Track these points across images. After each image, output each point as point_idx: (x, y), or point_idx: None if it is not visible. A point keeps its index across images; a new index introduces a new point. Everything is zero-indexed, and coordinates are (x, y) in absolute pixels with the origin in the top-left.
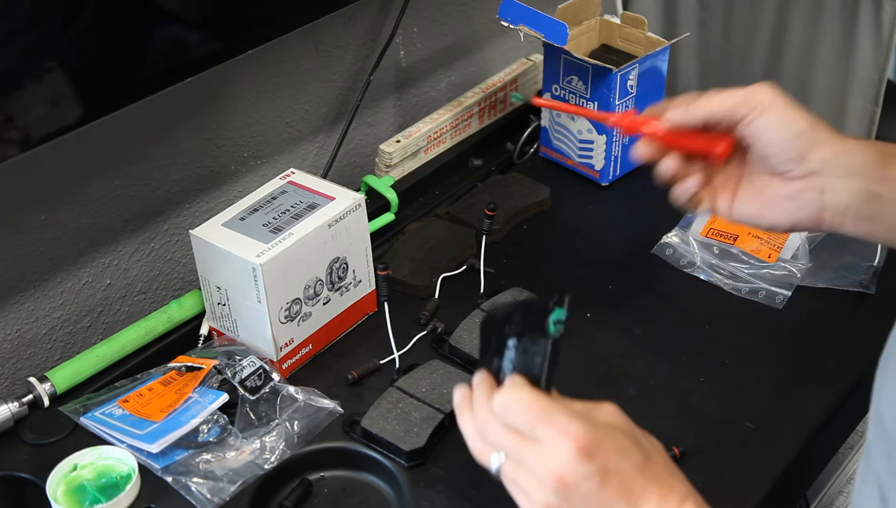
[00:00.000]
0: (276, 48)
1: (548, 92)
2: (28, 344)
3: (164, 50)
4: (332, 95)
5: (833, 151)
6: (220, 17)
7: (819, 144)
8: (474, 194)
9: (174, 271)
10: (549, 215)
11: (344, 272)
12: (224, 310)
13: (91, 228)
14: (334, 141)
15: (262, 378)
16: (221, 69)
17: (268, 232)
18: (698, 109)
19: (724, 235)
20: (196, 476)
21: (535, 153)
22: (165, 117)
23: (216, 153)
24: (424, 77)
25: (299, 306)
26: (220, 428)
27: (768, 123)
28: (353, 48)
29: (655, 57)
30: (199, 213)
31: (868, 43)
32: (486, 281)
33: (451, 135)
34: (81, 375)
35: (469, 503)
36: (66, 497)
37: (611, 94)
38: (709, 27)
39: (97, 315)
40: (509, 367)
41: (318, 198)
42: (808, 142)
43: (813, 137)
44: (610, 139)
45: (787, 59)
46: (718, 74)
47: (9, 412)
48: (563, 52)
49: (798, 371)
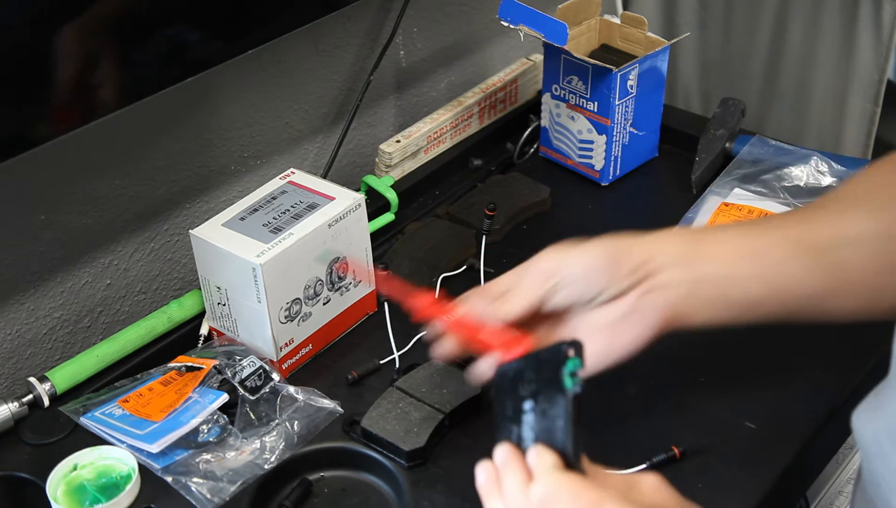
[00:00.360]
0: (276, 48)
1: (548, 92)
2: (28, 344)
3: (164, 50)
4: (332, 95)
5: (643, 252)
6: (220, 17)
7: (627, 254)
8: (474, 193)
9: (174, 271)
10: (549, 215)
11: (344, 272)
12: (224, 310)
13: (91, 228)
14: (334, 141)
15: (262, 378)
16: (221, 69)
17: (268, 232)
18: (511, 309)
19: None
20: (196, 476)
21: (535, 153)
22: (165, 117)
23: (216, 153)
24: (424, 77)
25: (299, 306)
26: (220, 428)
27: (572, 290)
28: (353, 48)
29: (655, 57)
30: (199, 213)
31: (868, 43)
32: (486, 281)
33: (451, 135)
34: (81, 375)
35: (469, 503)
36: (66, 497)
37: (611, 94)
38: (709, 27)
39: (97, 315)
40: (531, 436)
41: (318, 198)
42: (615, 263)
43: (616, 256)
44: (610, 139)
45: (787, 60)
46: (718, 73)
47: (9, 412)
48: (563, 52)
49: (798, 371)
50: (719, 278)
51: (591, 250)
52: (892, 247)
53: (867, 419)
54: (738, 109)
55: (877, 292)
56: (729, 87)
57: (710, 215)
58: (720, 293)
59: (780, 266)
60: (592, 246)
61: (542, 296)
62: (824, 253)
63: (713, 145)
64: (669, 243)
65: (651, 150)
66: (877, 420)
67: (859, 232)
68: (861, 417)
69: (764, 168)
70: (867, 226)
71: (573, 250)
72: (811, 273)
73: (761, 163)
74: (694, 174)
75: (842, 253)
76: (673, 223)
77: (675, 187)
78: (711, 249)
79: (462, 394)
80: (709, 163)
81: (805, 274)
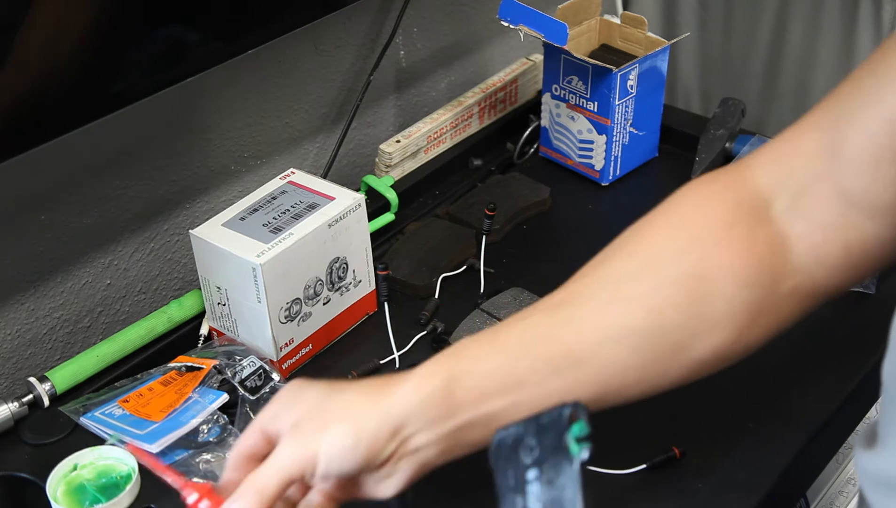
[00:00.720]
0: (276, 48)
1: (548, 92)
2: (28, 344)
3: (165, 50)
4: (332, 95)
5: (392, 424)
6: (220, 17)
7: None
8: (474, 193)
9: (174, 271)
10: (549, 215)
11: (344, 272)
12: (224, 310)
13: (91, 228)
14: (334, 141)
15: (262, 378)
16: (222, 69)
17: (268, 232)
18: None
19: None
20: (196, 476)
21: (535, 153)
22: (165, 117)
23: (216, 153)
24: (424, 77)
25: (299, 306)
26: (220, 428)
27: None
28: (353, 48)
29: (655, 57)
30: (199, 213)
31: (868, 43)
32: (486, 281)
33: (451, 135)
34: (81, 375)
35: (469, 503)
36: (66, 497)
37: (611, 94)
38: (709, 27)
39: (97, 315)
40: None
41: (318, 198)
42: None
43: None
44: (610, 139)
45: (787, 60)
46: (718, 74)
47: (9, 412)
48: (563, 52)
49: (798, 371)
50: (478, 420)
51: (340, 434)
52: (655, 339)
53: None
54: (738, 109)
55: (657, 380)
56: (729, 87)
57: None
58: (486, 431)
59: (540, 389)
60: (339, 426)
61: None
62: (585, 364)
63: (713, 145)
64: (419, 402)
65: (651, 150)
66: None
67: (612, 335)
68: (862, 458)
69: None
70: (620, 325)
71: (320, 431)
72: (577, 385)
73: None
74: (694, 174)
75: (597, 361)
76: None
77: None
78: (463, 394)
79: None
80: (709, 163)
81: (570, 387)
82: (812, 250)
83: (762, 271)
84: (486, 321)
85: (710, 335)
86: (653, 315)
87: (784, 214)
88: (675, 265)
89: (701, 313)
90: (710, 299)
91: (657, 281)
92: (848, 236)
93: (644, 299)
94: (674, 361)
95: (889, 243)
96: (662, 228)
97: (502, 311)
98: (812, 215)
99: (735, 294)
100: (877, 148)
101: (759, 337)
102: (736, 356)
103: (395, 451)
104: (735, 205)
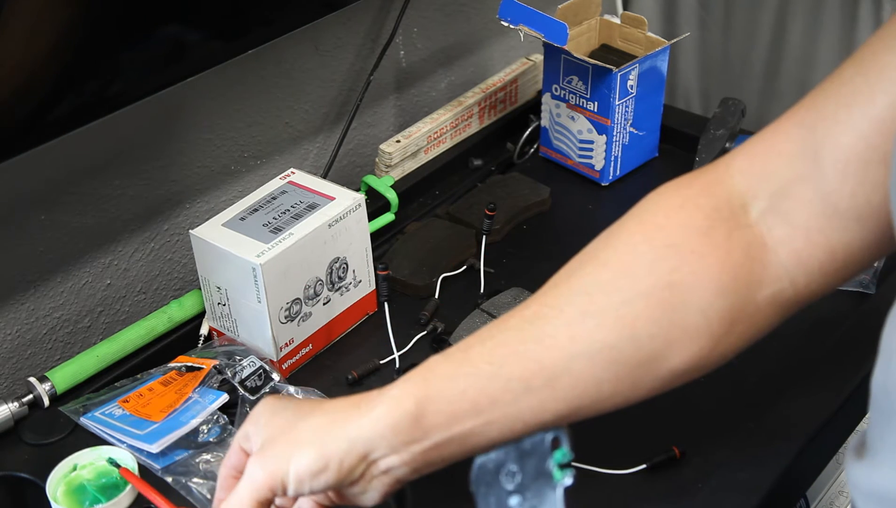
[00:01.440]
0: (276, 48)
1: (548, 92)
2: (28, 344)
3: (164, 50)
4: (332, 95)
5: (360, 449)
6: (220, 17)
7: (346, 459)
8: (474, 193)
9: (174, 271)
10: (549, 215)
11: (344, 272)
12: (224, 310)
13: (91, 228)
14: (334, 141)
15: (262, 378)
16: (222, 69)
17: (268, 232)
18: None
19: None
20: (196, 477)
21: (535, 153)
22: (165, 117)
23: (216, 153)
24: (424, 77)
25: (299, 306)
26: (220, 428)
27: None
28: (353, 48)
29: (655, 57)
30: (199, 213)
31: None
32: (486, 281)
33: (451, 135)
34: (81, 375)
35: (469, 503)
36: (66, 497)
37: (611, 94)
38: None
39: (97, 315)
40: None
41: (318, 198)
42: (336, 469)
43: (336, 462)
44: (610, 139)
45: (787, 60)
46: (718, 74)
47: (9, 412)
48: (563, 52)
49: (798, 371)
50: (450, 440)
51: (308, 458)
52: (629, 351)
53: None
54: (738, 109)
55: (633, 390)
56: (729, 87)
57: None
58: (459, 449)
59: (511, 407)
60: (307, 450)
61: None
62: (558, 380)
63: (713, 145)
64: (389, 427)
65: (651, 150)
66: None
67: (585, 349)
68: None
69: None
70: (593, 338)
71: (287, 454)
72: (551, 401)
73: None
74: None
75: (570, 376)
76: None
77: None
78: (434, 418)
79: None
80: (709, 163)
81: (543, 403)
82: (794, 255)
83: (739, 278)
84: (486, 321)
85: (685, 345)
86: (626, 328)
87: (762, 217)
88: (649, 275)
89: (675, 323)
90: (685, 309)
91: (631, 293)
92: (832, 240)
93: (617, 312)
94: (648, 373)
95: (875, 246)
96: (636, 234)
97: (502, 311)
98: (793, 218)
99: (710, 303)
100: (865, 148)
101: (735, 346)
102: (711, 365)
103: (364, 472)
104: (712, 210)
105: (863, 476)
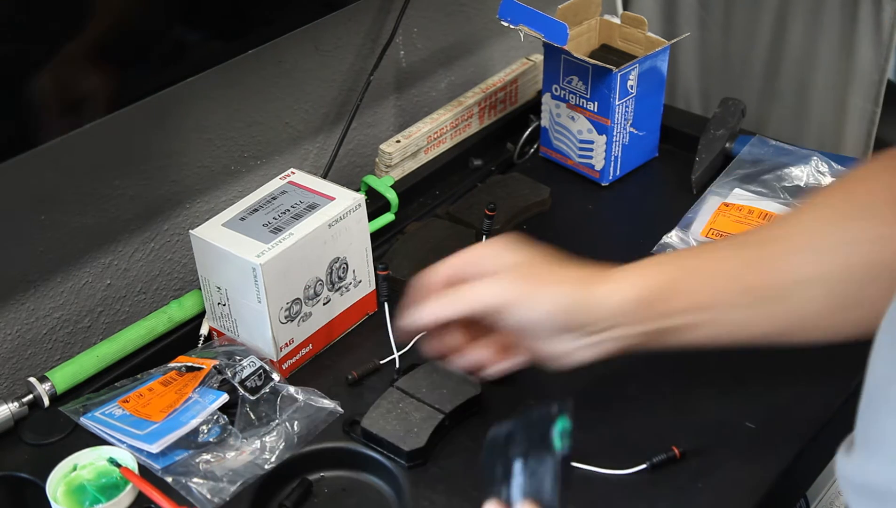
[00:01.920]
0: (276, 48)
1: (548, 92)
2: (28, 344)
3: (164, 50)
4: (332, 95)
5: (600, 310)
6: (220, 17)
7: (584, 312)
8: (474, 193)
9: (174, 271)
10: (549, 215)
11: (344, 272)
12: (224, 310)
13: (91, 228)
14: (334, 141)
15: (262, 378)
16: (222, 69)
17: (268, 232)
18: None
19: (725, 235)
20: (196, 477)
21: (535, 153)
22: (165, 117)
23: (216, 153)
24: (424, 77)
25: (299, 306)
26: (220, 428)
27: (519, 326)
28: (353, 48)
29: (655, 57)
30: (199, 213)
31: (868, 43)
32: None
33: (451, 135)
34: (81, 375)
35: (469, 503)
36: (66, 497)
37: (611, 94)
38: (709, 27)
39: (97, 315)
40: (518, 496)
41: (318, 198)
42: (572, 320)
43: (575, 313)
44: (610, 139)
45: (787, 60)
46: (718, 74)
47: (9, 412)
48: (563, 52)
49: (798, 371)
50: (670, 330)
51: (550, 301)
52: (840, 289)
53: None
54: (738, 109)
55: (830, 329)
56: (729, 87)
57: (710, 216)
58: (672, 339)
59: (730, 315)
60: (552, 294)
61: (483, 315)
62: (774, 301)
63: (713, 145)
64: (624, 300)
65: (651, 150)
66: None
67: (807, 277)
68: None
69: (764, 168)
70: (814, 270)
71: (534, 290)
72: (763, 319)
73: (761, 163)
74: (694, 174)
75: (791, 300)
76: (673, 224)
77: (675, 187)
78: (662, 306)
79: (462, 394)
80: (709, 163)
81: (756, 320)
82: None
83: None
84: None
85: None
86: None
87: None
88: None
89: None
90: None
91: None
92: None
93: (825, 256)
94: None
95: None
96: (876, 182)
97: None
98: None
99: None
100: None
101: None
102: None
103: (593, 333)
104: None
105: (854, 470)
